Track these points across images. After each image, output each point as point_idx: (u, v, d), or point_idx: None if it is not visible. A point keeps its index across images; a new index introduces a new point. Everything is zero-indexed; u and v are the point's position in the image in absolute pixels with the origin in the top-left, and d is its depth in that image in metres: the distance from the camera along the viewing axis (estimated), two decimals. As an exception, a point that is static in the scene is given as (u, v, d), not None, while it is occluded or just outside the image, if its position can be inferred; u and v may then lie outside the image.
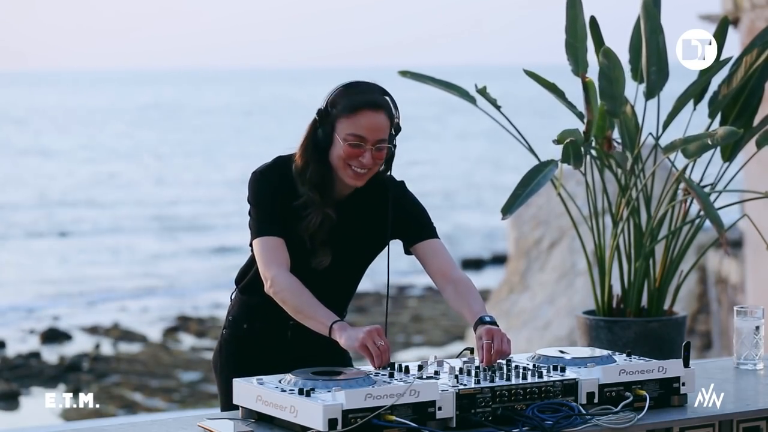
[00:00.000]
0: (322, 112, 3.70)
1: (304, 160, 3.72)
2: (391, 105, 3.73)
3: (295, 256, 3.73)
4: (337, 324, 3.59)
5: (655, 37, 4.75)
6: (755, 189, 5.13)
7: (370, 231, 3.82)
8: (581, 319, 4.81)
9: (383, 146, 3.68)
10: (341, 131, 3.66)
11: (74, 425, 4.42)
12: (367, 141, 3.65)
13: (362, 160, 3.66)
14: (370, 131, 3.65)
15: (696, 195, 4.52)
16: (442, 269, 3.80)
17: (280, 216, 3.73)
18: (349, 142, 3.65)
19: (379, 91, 3.73)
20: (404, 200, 3.85)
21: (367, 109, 3.65)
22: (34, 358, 18.76)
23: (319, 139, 3.70)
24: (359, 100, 3.66)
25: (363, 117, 3.64)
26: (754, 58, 4.77)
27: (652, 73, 4.77)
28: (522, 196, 4.52)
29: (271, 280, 3.68)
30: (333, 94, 3.71)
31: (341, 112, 3.66)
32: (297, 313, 3.69)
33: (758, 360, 4.16)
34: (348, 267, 3.83)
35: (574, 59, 4.83)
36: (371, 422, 3.12)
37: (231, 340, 3.89)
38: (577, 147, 4.60)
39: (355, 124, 3.65)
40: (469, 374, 3.40)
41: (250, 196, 3.77)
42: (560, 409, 3.31)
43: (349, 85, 3.72)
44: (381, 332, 3.53)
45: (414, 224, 3.84)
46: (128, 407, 15.64)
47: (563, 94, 4.78)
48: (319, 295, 3.67)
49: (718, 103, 4.81)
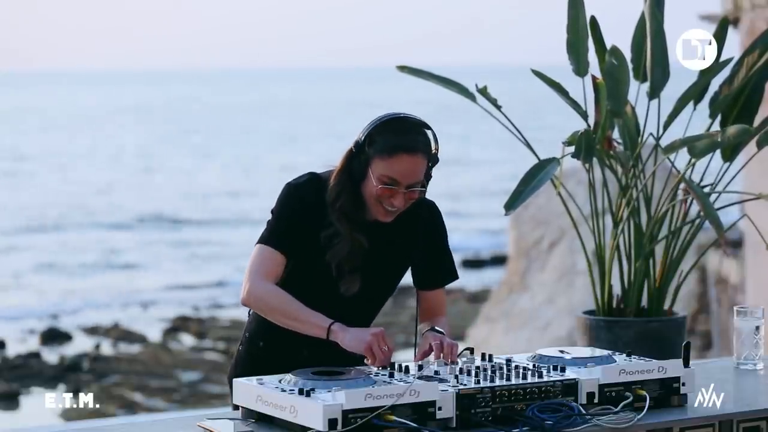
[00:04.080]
0: (359, 145, 3.64)
1: (337, 189, 3.67)
2: (431, 140, 3.67)
3: (322, 283, 3.69)
4: (336, 325, 3.58)
5: (660, 38, 4.75)
6: (755, 189, 5.13)
7: (399, 256, 3.79)
8: (581, 319, 4.81)
9: (416, 189, 3.64)
10: (376, 170, 3.61)
11: (74, 425, 4.42)
12: (401, 184, 3.61)
13: (394, 202, 3.63)
14: (404, 176, 3.61)
15: (696, 196, 4.52)
16: (433, 312, 3.87)
17: (301, 237, 3.68)
18: (382, 183, 3.60)
19: (417, 129, 3.66)
20: (434, 236, 3.83)
21: (404, 153, 3.59)
22: (34, 358, 18.77)
23: (354, 170, 3.66)
24: (396, 144, 3.59)
25: (398, 161, 3.59)
26: (755, 59, 4.77)
27: (656, 73, 4.77)
28: (524, 192, 4.53)
29: (249, 286, 3.65)
30: (372, 127, 3.64)
31: (377, 152, 3.60)
32: (286, 318, 3.64)
33: (758, 360, 4.16)
34: (376, 292, 3.79)
35: (576, 59, 4.83)
36: (371, 422, 3.12)
37: (246, 357, 3.84)
38: (589, 139, 4.59)
39: (390, 168, 3.60)
40: (469, 374, 3.40)
41: (276, 206, 3.73)
42: (560, 409, 3.31)
43: (389, 122, 3.64)
44: (385, 336, 3.54)
45: (431, 271, 3.85)
46: (128, 407, 15.64)
47: (568, 94, 4.77)
48: (344, 318, 3.63)
49: (719, 103, 4.81)
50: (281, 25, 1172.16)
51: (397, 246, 3.77)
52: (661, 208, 4.81)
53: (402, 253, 3.78)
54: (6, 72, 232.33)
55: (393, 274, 3.80)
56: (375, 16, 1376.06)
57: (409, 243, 3.78)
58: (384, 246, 3.73)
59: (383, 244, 3.73)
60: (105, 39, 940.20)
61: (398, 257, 3.79)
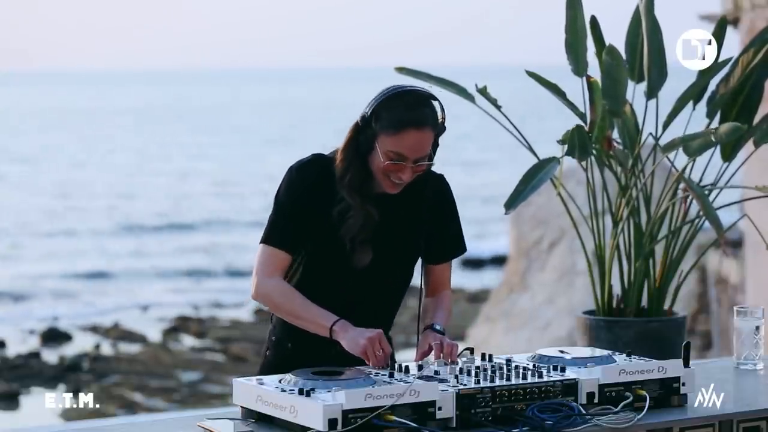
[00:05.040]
0: (365, 120, 3.62)
1: (345, 164, 3.65)
2: (438, 112, 3.65)
3: (335, 259, 3.68)
4: (337, 325, 3.57)
5: (656, 37, 4.75)
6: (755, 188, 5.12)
7: (408, 227, 3.76)
8: (581, 319, 4.81)
9: (424, 163, 3.63)
10: (383, 145, 3.59)
11: (74, 425, 4.41)
12: (408, 159, 3.59)
13: (401, 176, 3.61)
14: (411, 151, 3.59)
15: (695, 195, 4.52)
16: (437, 286, 3.87)
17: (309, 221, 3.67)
18: (389, 159, 3.59)
19: (424, 102, 3.63)
20: (443, 209, 3.82)
21: (411, 129, 3.57)
22: (34, 358, 18.77)
23: (361, 144, 3.64)
24: (404, 119, 3.57)
25: (406, 137, 3.57)
26: (751, 57, 4.77)
27: (653, 73, 4.77)
28: (524, 191, 4.53)
29: (256, 284, 3.66)
30: (378, 101, 3.61)
31: (384, 128, 3.58)
32: (292, 317, 3.66)
33: (758, 360, 4.16)
34: (389, 264, 3.75)
35: (575, 59, 4.83)
36: (371, 422, 3.11)
37: (276, 361, 3.78)
38: (582, 136, 4.59)
39: (397, 144, 3.58)
40: (469, 374, 3.40)
41: (278, 192, 3.71)
42: (560, 409, 3.31)
43: (396, 97, 3.61)
44: (382, 338, 3.53)
45: (439, 244, 3.83)
46: (128, 407, 15.65)
47: (564, 95, 4.78)
48: (363, 297, 3.66)
49: (717, 101, 4.81)
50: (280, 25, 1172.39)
51: (405, 217, 3.75)
52: (661, 207, 4.81)
53: (410, 224, 3.76)
54: (6, 72, 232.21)
55: (403, 245, 3.76)
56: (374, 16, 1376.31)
57: (416, 214, 3.76)
58: (393, 217, 3.72)
59: (392, 216, 3.71)
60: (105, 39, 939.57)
61: (407, 228, 3.76)
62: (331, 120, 67.58)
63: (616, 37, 4.86)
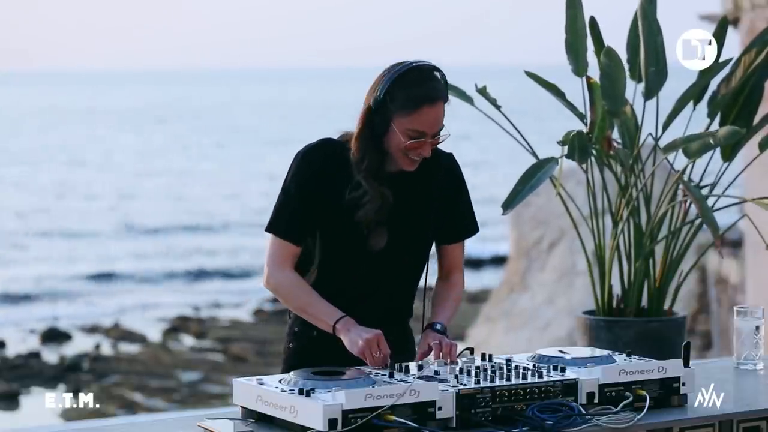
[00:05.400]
0: (378, 102, 3.62)
1: (361, 150, 3.65)
2: (443, 83, 3.67)
3: (351, 243, 3.68)
4: (340, 323, 3.59)
5: (654, 37, 4.75)
6: (756, 191, 5.12)
7: (421, 205, 3.76)
8: (581, 319, 4.81)
9: (442, 135, 3.65)
10: (400, 125, 3.60)
11: (74, 425, 4.42)
12: (427, 135, 3.62)
13: (422, 152, 3.63)
14: (430, 127, 3.61)
15: (693, 198, 4.52)
16: (450, 267, 3.87)
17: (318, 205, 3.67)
18: (409, 138, 3.60)
19: (432, 76, 3.65)
20: (453, 187, 3.82)
21: (427, 105, 3.59)
22: (34, 358, 18.77)
23: (376, 126, 3.64)
24: (418, 97, 3.59)
25: (424, 114, 3.59)
26: (752, 58, 4.77)
27: (650, 73, 4.77)
28: (522, 191, 4.53)
29: (267, 275, 3.68)
30: (388, 83, 3.61)
31: (400, 108, 3.59)
32: (300, 311, 3.69)
33: (758, 360, 4.16)
34: (404, 244, 3.74)
35: (575, 59, 4.83)
36: (371, 422, 3.12)
37: (301, 351, 3.78)
38: (582, 140, 4.59)
39: (416, 121, 3.59)
40: (469, 374, 3.40)
41: (286, 178, 3.71)
42: (560, 409, 3.31)
43: (406, 75, 3.61)
44: (381, 339, 3.53)
45: (450, 223, 3.83)
46: (128, 407, 15.64)
47: (564, 95, 4.77)
48: (380, 280, 3.68)
49: (718, 102, 4.81)
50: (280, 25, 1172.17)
51: (418, 195, 3.75)
52: (661, 208, 4.81)
53: (422, 201, 3.76)
54: (6, 72, 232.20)
55: (417, 224, 3.76)
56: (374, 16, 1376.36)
57: (427, 191, 3.76)
58: (405, 197, 3.72)
59: (404, 195, 3.72)
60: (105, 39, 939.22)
61: (419, 206, 3.76)
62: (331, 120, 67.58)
63: (621, 37, 4.86)
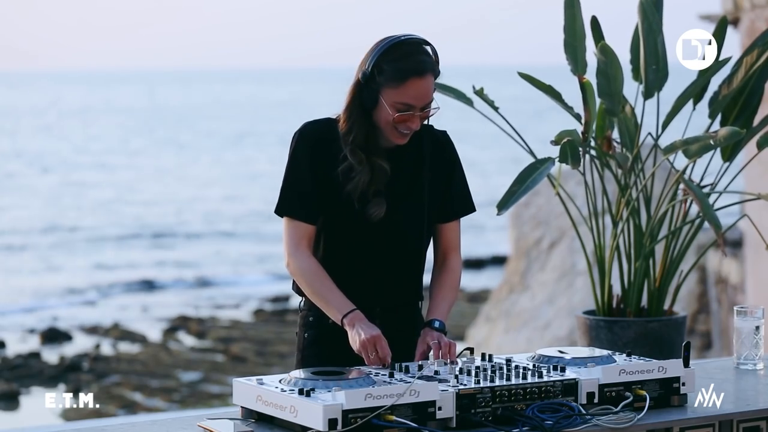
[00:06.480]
0: (366, 76, 3.65)
1: (348, 122, 3.69)
2: (433, 58, 3.68)
3: (350, 216, 3.71)
4: (347, 318, 3.61)
5: (653, 37, 4.75)
6: (755, 189, 5.13)
7: (416, 177, 3.78)
8: (581, 319, 4.81)
9: (430, 109, 3.67)
10: (388, 98, 3.63)
11: (74, 425, 4.42)
12: (416, 108, 3.64)
13: (411, 125, 3.66)
14: (418, 99, 3.63)
15: (695, 196, 4.52)
16: (446, 248, 3.87)
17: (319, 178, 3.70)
18: (398, 111, 3.62)
19: (420, 49, 3.67)
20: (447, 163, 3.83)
21: (415, 78, 3.61)
22: (34, 358, 18.75)
23: (364, 100, 3.67)
24: (406, 69, 3.61)
25: (411, 86, 3.62)
26: (754, 59, 4.77)
27: (650, 73, 4.77)
28: (518, 192, 4.53)
29: (287, 259, 3.72)
30: (376, 56, 3.64)
31: (388, 80, 3.62)
32: (313, 298, 3.71)
33: (758, 360, 4.16)
34: (403, 215, 3.76)
35: (573, 59, 4.83)
36: (371, 422, 3.12)
37: (318, 339, 3.80)
38: (574, 147, 4.60)
39: (404, 94, 3.62)
40: (469, 374, 3.40)
41: (288, 157, 3.75)
42: (560, 409, 3.32)
43: (393, 48, 3.64)
44: (378, 341, 3.54)
45: (445, 202, 3.84)
46: (128, 407, 15.63)
47: (560, 96, 4.77)
48: (383, 253, 3.70)
49: (719, 103, 4.81)
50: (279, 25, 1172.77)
51: (412, 167, 3.77)
52: (661, 207, 4.81)
53: (416, 173, 3.78)
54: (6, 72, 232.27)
55: (413, 195, 3.77)
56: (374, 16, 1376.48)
57: (420, 164, 3.78)
58: (400, 169, 3.75)
59: (399, 168, 3.74)
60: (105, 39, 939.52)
61: (414, 178, 3.78)
62: (331, 120, 67.40)
63: (622, 38, 4.86)
